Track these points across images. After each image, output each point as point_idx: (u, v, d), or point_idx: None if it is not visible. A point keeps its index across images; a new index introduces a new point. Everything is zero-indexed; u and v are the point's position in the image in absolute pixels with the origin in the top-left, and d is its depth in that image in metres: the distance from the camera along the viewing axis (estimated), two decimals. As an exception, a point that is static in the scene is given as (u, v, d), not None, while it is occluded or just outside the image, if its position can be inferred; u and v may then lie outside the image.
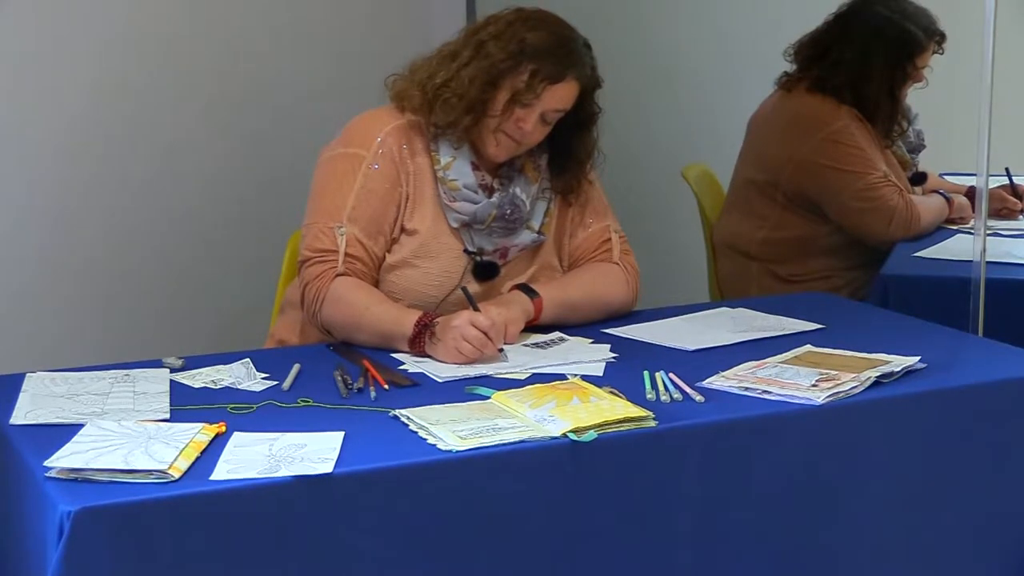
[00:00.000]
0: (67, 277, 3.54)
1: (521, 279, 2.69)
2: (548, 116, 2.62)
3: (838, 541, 2.27)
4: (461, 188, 2.63)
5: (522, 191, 2.67)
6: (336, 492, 1.89)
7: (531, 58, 2.57)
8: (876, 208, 3.56)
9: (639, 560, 2.11)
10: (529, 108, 2.58)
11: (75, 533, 1.75)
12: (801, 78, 3.69)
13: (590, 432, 2.04)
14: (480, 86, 2.58)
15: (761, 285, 3.69)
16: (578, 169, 2.75)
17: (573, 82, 2.61)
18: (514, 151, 2.65)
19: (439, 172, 2.64)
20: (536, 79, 2.57)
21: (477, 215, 2.63)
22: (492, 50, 2.60)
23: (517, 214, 2.66)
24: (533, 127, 2.60)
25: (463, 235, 2.65)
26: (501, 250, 2.68)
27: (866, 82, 3.62)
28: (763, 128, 3.75)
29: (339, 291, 2.55)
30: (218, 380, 2.31)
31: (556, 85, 2.58)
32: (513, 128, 2.60)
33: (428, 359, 2.43)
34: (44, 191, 3.49)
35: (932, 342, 2.56)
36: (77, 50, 3.47)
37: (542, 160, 2.73)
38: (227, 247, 3.71)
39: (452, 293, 2.63)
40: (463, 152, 2.65)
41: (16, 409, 2.14)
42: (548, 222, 2.74)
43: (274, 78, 3.74)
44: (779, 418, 2.20)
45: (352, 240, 2.58)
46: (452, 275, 2.64)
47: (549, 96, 2.58)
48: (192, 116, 3.64)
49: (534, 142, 2.66)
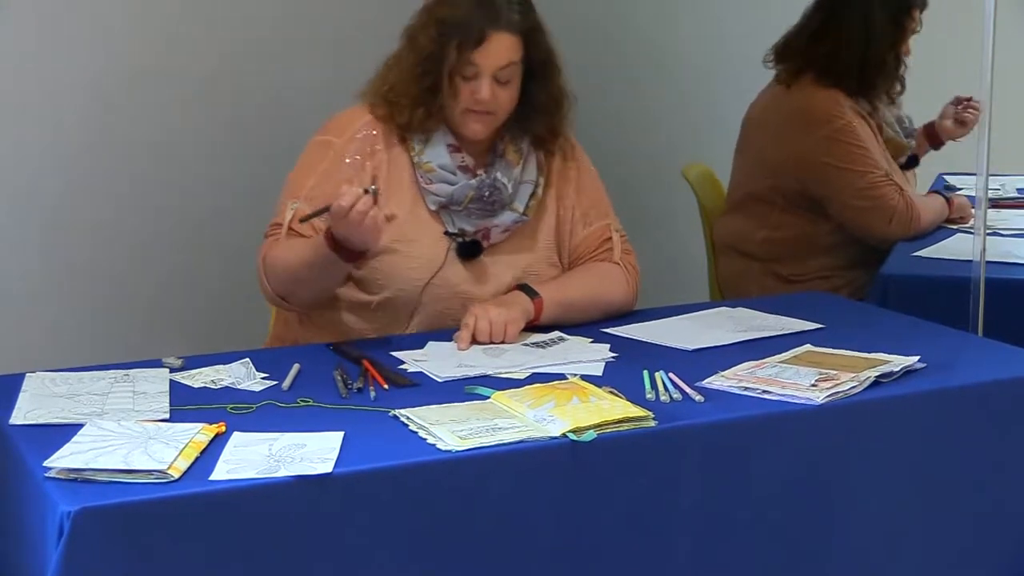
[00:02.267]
0: (67, 277, 3.54)
1: (516, 269, 2.69)
2: (500, 76, 2.62)
3: (837, 540, 2.27)
4: (437, 170, 2.65)
5: (503, 175, 2.68)
6: (336, 492, 1.89)
7: (452, 32, 2.60)
8: (877, 207, 3.56)
9: (639, 560, 2.11)
10: (475, 79, 2.60)
11: (75, 533, 1.75)
12: (800, 70, 3.67)
13: (589, 432, 2.04)
14: (418, 78, 2.63)
15: (761, 284, 3.68)
16: (545, 118, 2.74)
17: (501, 34, 2.60)
18: (490, 122, 2.66)
19: (414, 157, 2.67)
20: (463, 49, 2.59)
21: (454, 196, 2.65)
22: (420, 40, 2.65)
23: (496, 196, 2.67)
24: (490, 93, 2.61)
25: (443, 217, 2.67)
26: (483, 231, 2.69)
27: (871, 40, 3.61)
28: (762, 126, 3.74)
29: (273, 253, 2.60)
30: (218, 380, 2.31)
31: (483, 45, 2.59)
32: (472, 101, 2.62)
33: (426, 360, 2.43)
34: (44, 190, 3.49)
35: (932, 342, 2.56)
36: (76, 51, 3.48)
37: (523, 143, 2.74)
38: (227, 246, 3.71)
39: (436, 275, 2.63)
40: (438, 136, 2.67)
41: (16, 409, 2.14)
42: (534, 205, 2.74)
43: (275, 78, 3.74)
44: (779, 418, 2.20)
45: (301, 215, 2.60)
46: (435, 258, 2.64)
47: (483, 58, 2.59)
48: (194, 116, 3.65)
49: (504, 106, 2.66)
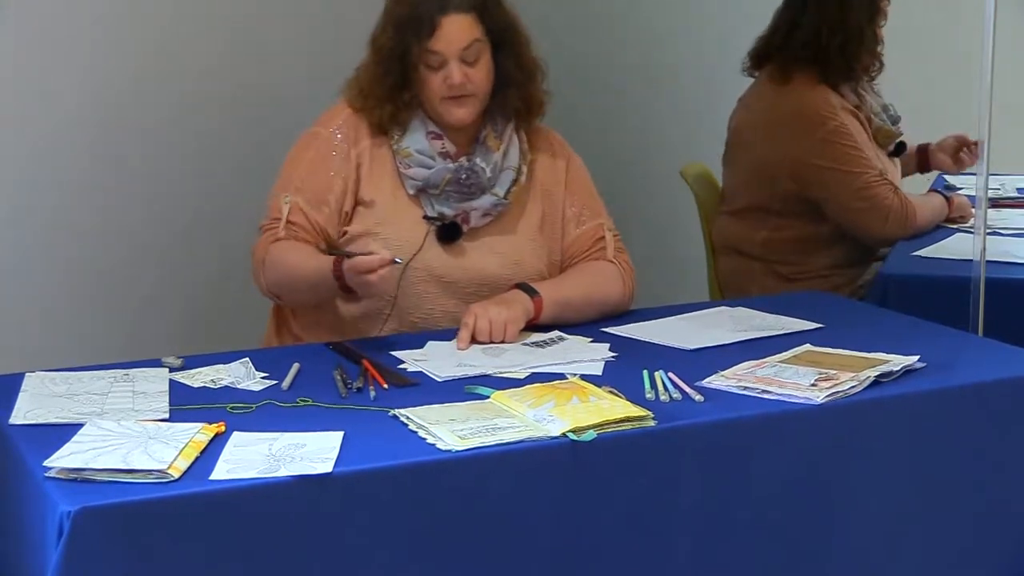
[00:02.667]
0: (66, 276, 3.54)
1: (498, 255, 2.70)
2: (466, 56, 2.65)
3: (837, 540, 2.27)
4: (414, 154, 2.69)
5: (482, 159, 2.70)
6: (335, 492, 1.89)
7: (405, 27, 2.64)
8: (872, 207, 3.56)
9: (638, 559, 2.11)
10: (443, 67, 2.64)
11: (75, 533, 1.75)
12: (785, 66, 3.66)
13: (589, 432, 2.04)
14: (381, 77, 2.68)
15: (761, 284, 3.68)
16: (516, 89, 2.75)
17: (452, 16, 2.64)
18: (472, 105, 2.68)
19: (394, 145, 2.70)
20: (419, 40, 2.62)
21: (431, 179, 2.68)
22: (380, 40, 2.70)
23: (474, 179, 2.69)
24: (461, 75, 2.64)
25: (422, 201, 2.69)
26: (462, 215, 2.70)
27: (848, 13, 3.61)
28: (754, 130, 3.72)
29: (274, 254, 2.64)
30: (217, 380, 2.31)
31: (438, 32, 2.62)
32: (447, 88, 2.64)
33: (426, 359, 2.43)
34: (43, 190, 3.49)
35: (931, 341, 2.56)
36: (73, 51, 3.47)
37: (506, 131, 2.75)
38: (227, 246, 3.70)
39: (415, 258, 2.65)
40: (415, 124, 2.70)
41: (16, 409, 2.14)
42: (515, 191, 2.74)
43: (274, 78, 3.73)
44: (778, 417, 2.20)
45: (295, 208, 2.67)
46: (413, 241, 2.67)
47: (443, 44, 2.63)
48: (192, 115, 3.64)
49: (481, 83, 2.68)
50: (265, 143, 3.69)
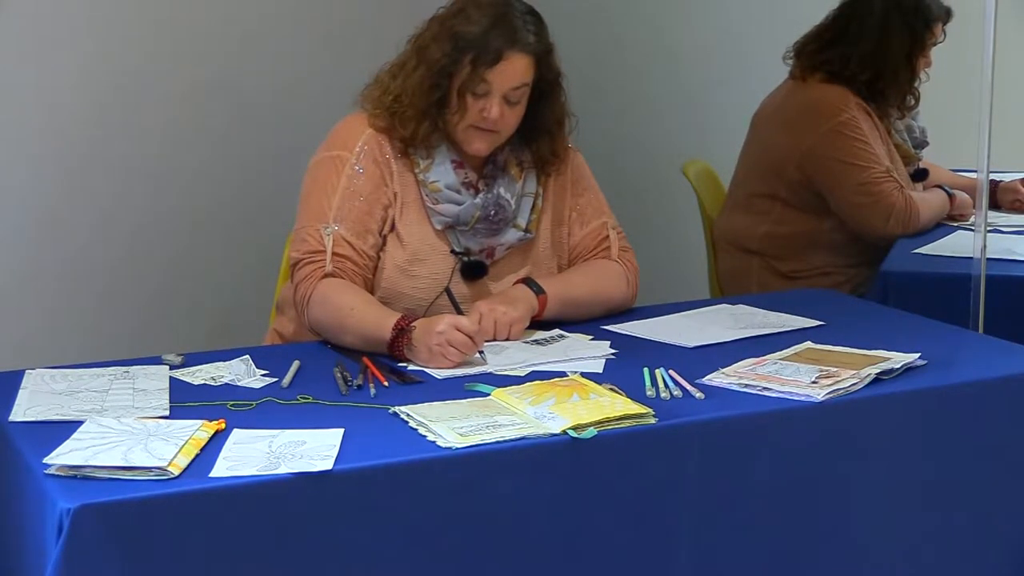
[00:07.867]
0: (66, 274, 3.54)
1: (512, 278, 2.68)
2: (511, 96, 2.59)
3: (838, 537, 2.27)
4: (443, 189, 2.62)
5: (506, 190, 2.66)
6: (336, 489, 1.89)
7: (467, 48, 2.56)
8: (875, 203, 3.55)
9: (639, 556, 2.11)
10: (485, 97, 2.57)
11: (74, 530, 1.75)
12: (815, 67, 3.67)
13: (590, 429, 2.04)
14: (427, 91, 2.59)
15: (762, 281, 3.68)
16: (549, 139, 2.72)
17: (517, 55, 2.58)
18: (494, 141, 2.64)
19: (419, 175, 2.63)
20: (477, 66, 2.56)
21: (460, 217, 2.62)
22: (433, 52, 2.60)
23: (502, 214, 2.65)
24: (499, 112, 2.58)
25: (448, 236, 2.64)
26: (488, 250, 2.67)
27: (885, 51, 3.61)
28: (770, 120, 3.73)
29: (325, 292, 2.53)
30: (217, 377, 2.31)
31: (499, 65, 2.56)
32: (480, 119, 2.59)
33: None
34: (43, 188, 3.49)
35: (932, 339, 2.56)
36: (74, 49, 3.47)
37: (525, 156, 2.72)
38: (227, 243, 3.71)
39: (441, 295, 2.61)
40: (441, 152, 2.64)
41: (15, 406, 2.14)
42: (535, 219, 2.72)
43: (275, 77, 3.74)
44: (779, 415, 2.20)
45: (339, 239, 2.57)
46: (440, 277, 2.62)
47: (497, 77, 2.56)
48: (192, 113, 3.65)
49: (510, 126, 2.64)
50: (268, 142, 3.71)
